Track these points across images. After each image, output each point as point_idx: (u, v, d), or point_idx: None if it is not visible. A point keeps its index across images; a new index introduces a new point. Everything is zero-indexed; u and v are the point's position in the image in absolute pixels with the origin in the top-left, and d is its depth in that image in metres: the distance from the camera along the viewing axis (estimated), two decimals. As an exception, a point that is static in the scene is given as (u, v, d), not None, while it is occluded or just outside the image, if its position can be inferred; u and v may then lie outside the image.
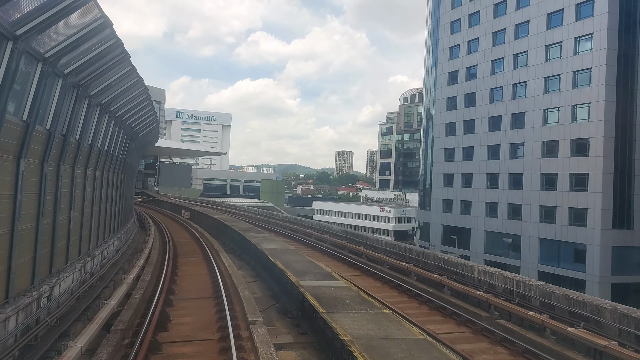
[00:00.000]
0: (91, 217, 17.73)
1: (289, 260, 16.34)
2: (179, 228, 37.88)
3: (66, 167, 14.11)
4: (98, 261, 17.89)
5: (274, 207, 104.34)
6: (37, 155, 11.85)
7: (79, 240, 15.57)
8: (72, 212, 14.32)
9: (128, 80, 17.35)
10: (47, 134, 12.25)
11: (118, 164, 25.62)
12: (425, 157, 74.41)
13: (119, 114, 20.53)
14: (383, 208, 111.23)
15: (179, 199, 72.11)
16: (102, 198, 20.27)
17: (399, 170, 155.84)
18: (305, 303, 11.78)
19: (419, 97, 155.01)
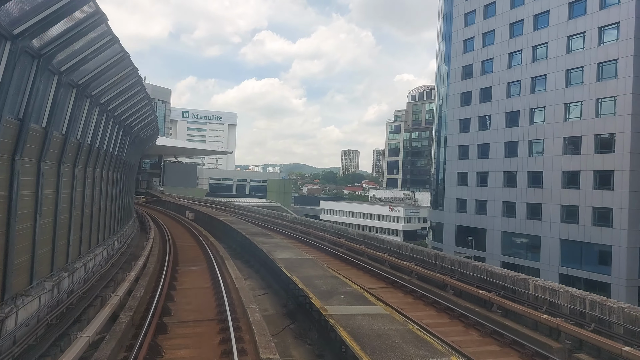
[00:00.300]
0: (70, 223, 14.89)
1: (309, 276, 13.48)
2: (182, 231, 35.13)
3: (28, 161, 11.31)
4: (80, 276, 15.09)
5: (281, 207, 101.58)
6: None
7: (51, 253, 12.76)
8: (37, 219, 11.49)
9: (119, 68, 15.98)
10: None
11: (110, 160, 22.86)
12: (438, 155, 71.34)
13: (104, 100, 17.72)
14: (392, 208, 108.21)
15: (183, 199, 69.44)
16: (88, 200, 17.45)
17: (407, 169, 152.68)
18: (336, 340, 8.93)
19: (427, 94, 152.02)
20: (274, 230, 34.77)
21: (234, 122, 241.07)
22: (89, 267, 16.05)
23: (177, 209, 52.07)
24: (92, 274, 16.12)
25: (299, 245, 27.04)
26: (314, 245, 27.78)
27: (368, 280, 19.13)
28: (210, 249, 23.59)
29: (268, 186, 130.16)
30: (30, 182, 11.43)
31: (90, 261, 16.35)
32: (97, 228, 18.96)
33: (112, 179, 24.41)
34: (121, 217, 29.02)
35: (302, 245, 28.01)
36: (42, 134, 11.85)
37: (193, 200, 66.85)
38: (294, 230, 35.44)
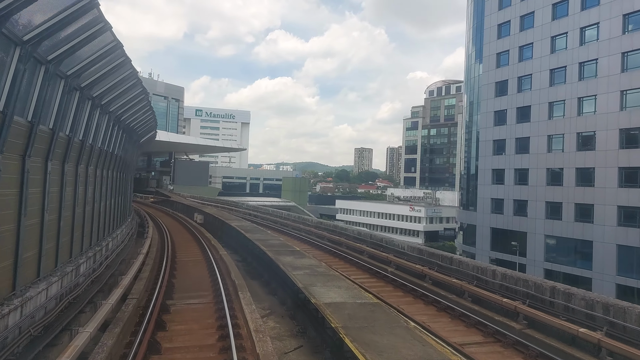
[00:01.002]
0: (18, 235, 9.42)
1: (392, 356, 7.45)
2: (186, 238, 29.39)
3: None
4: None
5: (297, 207, 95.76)
6: None
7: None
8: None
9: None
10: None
11: (96, 155, 17.30)
12: (468, 151, 64.92)
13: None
14: (413, 207, 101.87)
15: (194, 199, 64.01)
16: (49, 204, 11.92)
17: (425, 167, 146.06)
18: None
19: (446, 89, 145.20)
20: (298, 239, 28.87)
21: (247, 120, 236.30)
22: (26, 310, 10.21)
23: (185, 210, 46.52)
24: (29, 317, 10.25)
25: (338, 263, 21.07)
26: (359, 265, 21.43)
27: (463, 333, 12.90)
28: (219, 267, 17.76)
29: (283, 185, 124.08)
30: None
31: (30, 301, 10.48)
32: (55, 245, 13.24)
33: (98, 177, 18.79)
34: (118, 219, 23.48)
35: (343, 263, 21.81)
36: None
37: (204, 200, 61.35)
38: (320, 237, 29.49)
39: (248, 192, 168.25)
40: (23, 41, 9.90)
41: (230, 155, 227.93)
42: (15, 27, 9.56)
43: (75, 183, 15.35)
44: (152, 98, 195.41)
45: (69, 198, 14.85)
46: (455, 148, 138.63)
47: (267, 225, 35.77)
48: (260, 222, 37.32)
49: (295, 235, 30.15)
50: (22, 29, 9.86)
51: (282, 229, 33.58)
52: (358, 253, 23.38)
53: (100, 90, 16.41)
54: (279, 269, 14.21)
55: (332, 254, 24.19)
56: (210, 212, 37.11)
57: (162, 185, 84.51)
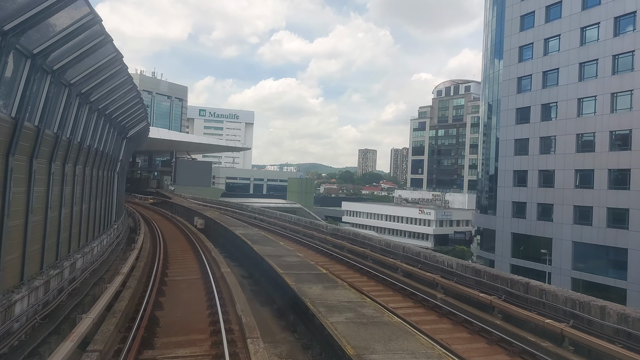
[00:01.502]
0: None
1: None
2: (183, 247, 25.32)
3: None
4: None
5: (302, 209, 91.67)
6: None
7: None
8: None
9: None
10: None
11: (63, 147, 13.38)
12: (487, 151, 60.76)
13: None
14: (422, 210, 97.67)
15: (195, 200, 60.05)
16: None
17: (432, 169, 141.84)
18: None
19: (455, 89, 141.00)
20: (315, 249, 24.66)
21: (251, 120, 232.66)
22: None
23: (184, 213, 42.55)
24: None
25: (376, 290, 16.84)
26: (399, 289, 16.99)
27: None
28: (220, 293, 13.66)
29: (288, 186, 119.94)
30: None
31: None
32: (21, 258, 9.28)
33: (68, 175, 14.83)
34: (89, 230, 19.45)
35: (382, 290, 17.32)
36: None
37: (206, 202, 57.38)
38: (339, 248, 25.24)
39: (251, 193, 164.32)
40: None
41: (233, 156, 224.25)
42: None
43: (29, 182, 11.31)
44: (155, 97, 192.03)
45: (19, 202, 10.81)
46: (464, 149, 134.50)
47: (276, 232, 31.72)
48: (268, 228, 33.29)
49: (311, 246, 25.93)
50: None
51: (294, 236, 29.47)
52: (391, 270, 19.21)
53: (77, 77, 13.81)
54: (306, 308, 10.09)
55: (361, 272, 19.99)
56: (212, 216, 33.06)
57: (163, 186, 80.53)
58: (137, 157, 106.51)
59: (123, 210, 38.63)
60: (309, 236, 29.37)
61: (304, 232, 30.27)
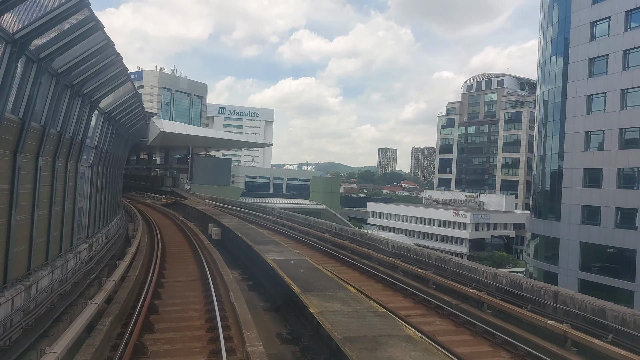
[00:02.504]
0: None
1: None
2: (188, 273, 17.40)
3: None
4: None
5: (327, 210, 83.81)
6: None
7: None
8: None
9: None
10: None
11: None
12: (543, 147, 51.95)
13: None
14: (457, 212, 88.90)
15: (213, 200, 52.64)
16: None
17: (461, 168, 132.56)
18: None
19: (487, 84, 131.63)
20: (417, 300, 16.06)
21: (270, 118, 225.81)
22: None
23: (199, 217, 35.07)
24: None
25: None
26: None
27: None
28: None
29: (311, 185, 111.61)
30: None
31: None
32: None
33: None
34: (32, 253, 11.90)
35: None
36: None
37: (224, 203, 49.94)
38: (416, 278, 17.21)
39: (271, 192, 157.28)
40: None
41: (253, 155, 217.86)
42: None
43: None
44: (175, 95, 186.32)
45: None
46: (496, 147, 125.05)
47: (320, 249, 23.40)
48: (305, 242, 25.26)
49: (396, 286, 17.21)
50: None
51: (348, 259, 20.98)
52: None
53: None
54: None
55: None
56: (230, 224, 25.38)
57: (179, 185, 73.50)
58: (153, 155, 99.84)
59: (120, 210, 31.41)
60: (366, 257, 21.18)
61: (359, 251, 22.09)
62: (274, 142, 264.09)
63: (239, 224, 25.99)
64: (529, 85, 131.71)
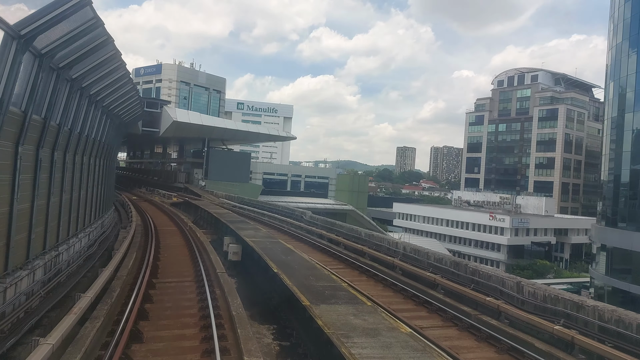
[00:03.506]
0: None
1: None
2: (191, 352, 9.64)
3: None
4: None
5: (355, 212, 75.85)
6: None
7: None
8: None
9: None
10: None
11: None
12: (619, 149, 43.20)
13: None
14: (494, 215, 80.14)
15: (230, 200, 45.17)
16: None
17: (491, 167, 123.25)
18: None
19: (520, 79, 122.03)
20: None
21: (289, 114, 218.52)
22: None
23: (212, 223, 27.51)
24: None
25: None
26: None
27: None
28: None
29: (337, 184, 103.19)
30: None
31: None
32: None
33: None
34: None
35: None
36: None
37: (243, 203, 42.38)
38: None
39: (289, 190, 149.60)
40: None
41: (271, 151, 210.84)
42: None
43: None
44: (193, 89, 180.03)
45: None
46: (530, 146, 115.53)
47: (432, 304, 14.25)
48: (394, 282, 16.43)
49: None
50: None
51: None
52: None
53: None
54: None
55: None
56: (254, 240, 17.73)
57: (193, 181, 66.29)
58: (167, 148, 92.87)
59: (107, 209, 24.13)
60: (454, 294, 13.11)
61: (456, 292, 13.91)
62: (292, 140, 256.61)
63: (266, 240, 18.27)
64: (565, 81, 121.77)
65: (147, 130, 58.06)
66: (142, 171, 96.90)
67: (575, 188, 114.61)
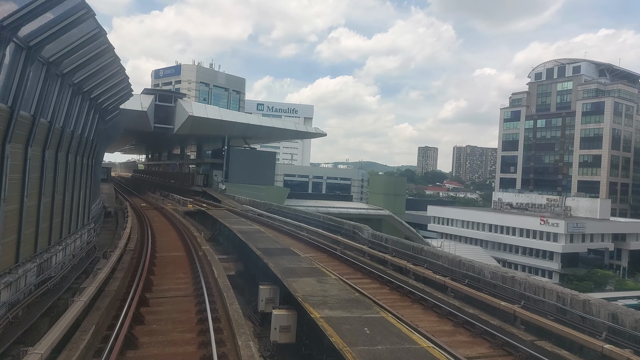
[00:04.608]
0: None
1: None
2: None
3: None
4: None
5: (392, 217, 66.69)
6: None
7: None
8: None
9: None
10: None
11: None
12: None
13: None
14: (545, 220, 70.16)
15: (255, 207, 36.87)
16: None
17: (529, 167, 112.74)
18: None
19: (560, 71, 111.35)
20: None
21: (309, 115, 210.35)
22: None
23: (234, 243, 19.13)
24: None
25: None
26: None
27: None
28: None
29: (370, 186, 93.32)
30: None
31: None
32: None
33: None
34: None
35: None
36: None
37: (272, 211, 33.95)
38: None
39: (310, 192, 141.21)
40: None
41: (292, 153, 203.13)
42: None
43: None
44: (213, 90, 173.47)
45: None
46: (572, 143, 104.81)
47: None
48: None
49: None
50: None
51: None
52: None
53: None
54: None
55: None
56: (328, 313, 8.96)
57: (212, 183, 58.16)
58: (185, 149, 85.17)
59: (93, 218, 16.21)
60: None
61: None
62: (312, 141, 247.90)
63: (346, 304, 9.69)
64: (611, 72, 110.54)
65: (160, 127, 50.23)
66: (158, 174, 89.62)
67: (623, 188, 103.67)
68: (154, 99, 48.55)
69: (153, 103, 48.27)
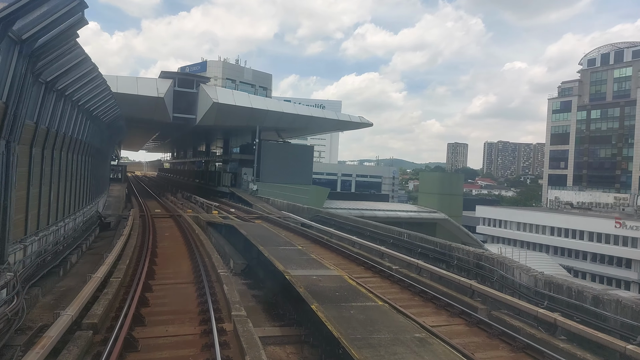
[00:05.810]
0: None
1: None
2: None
3: None
4: None
5: (448, 221, 56.91)
6: None
7: None
8: None
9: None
10: None
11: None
12: None
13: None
14: (621, 222, 59.19)
15: (298, 215, 28.14)
16: None
17: (581, 162, 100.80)
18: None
19: (616, 56, 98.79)
20: None
21: (337, 111, 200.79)
22: None
23: (289, 297, 10.43)
24: None
25: None
26: None
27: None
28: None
29: (420, 184, 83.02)
30: None
31: None
32: None
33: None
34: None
35: None
36: None
37: (319, 219, 25.06)
38: None
39: (339, 190, 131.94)
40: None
41: (320, 150, 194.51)
42: None
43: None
44: (239, 86, 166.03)
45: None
46: (633, 135, 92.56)
47: None
48: None
49: None
50: None
51: None
52: None
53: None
54: None
55: None
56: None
57: (241, 184, 49.68)
58: (211, 145, 77.33)
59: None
60: None
61: None
62: (339, 138, 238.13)
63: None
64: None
65: (180, 116, 42.15)
66: (183, 172, 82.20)
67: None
68: (173, 84, 40.45)
69: (172, 89, 40.17)
